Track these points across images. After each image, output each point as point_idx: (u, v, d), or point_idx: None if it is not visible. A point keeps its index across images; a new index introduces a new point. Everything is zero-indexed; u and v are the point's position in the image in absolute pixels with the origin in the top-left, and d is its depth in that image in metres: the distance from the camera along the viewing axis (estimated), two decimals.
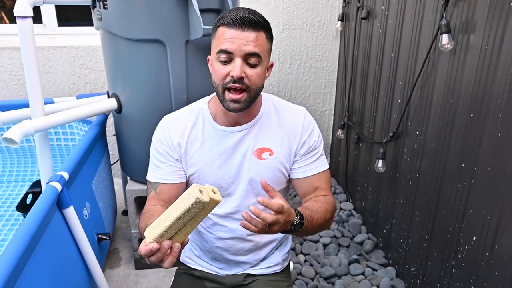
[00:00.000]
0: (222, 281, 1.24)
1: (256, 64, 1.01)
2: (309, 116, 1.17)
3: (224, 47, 0.98)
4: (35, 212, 1.11)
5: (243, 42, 0.98)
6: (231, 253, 1.20)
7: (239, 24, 0.98)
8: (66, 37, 2.49)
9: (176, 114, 1.17)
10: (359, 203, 2.30)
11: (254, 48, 0.98)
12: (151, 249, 0.79)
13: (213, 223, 1.18)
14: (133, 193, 1.80)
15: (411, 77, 1.68)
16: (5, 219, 1.96)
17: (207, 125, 1.13)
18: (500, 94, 1.22)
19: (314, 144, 1.15)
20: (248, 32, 0.98)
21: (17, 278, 0.94)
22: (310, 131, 1.14)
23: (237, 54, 0.98)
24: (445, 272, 1.54)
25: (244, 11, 1.00)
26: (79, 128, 2.28)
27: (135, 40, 1.54)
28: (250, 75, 1.00)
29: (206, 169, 1.12)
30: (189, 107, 1.18)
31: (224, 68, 1.00)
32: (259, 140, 1.12)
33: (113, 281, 1.86)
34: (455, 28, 1.40)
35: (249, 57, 0.99)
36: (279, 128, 1.13)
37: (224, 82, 1.01)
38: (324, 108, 2.72)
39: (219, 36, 1.01)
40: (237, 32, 0.98)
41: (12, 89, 2.43)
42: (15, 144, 1.34)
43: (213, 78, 1.05)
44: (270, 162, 1.12)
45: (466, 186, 1.40)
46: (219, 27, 1.01)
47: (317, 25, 2.52)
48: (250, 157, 1.11)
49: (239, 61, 0.98)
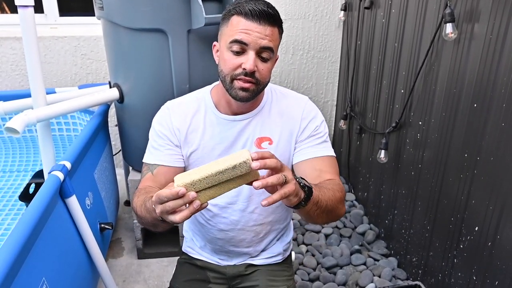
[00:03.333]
0: (224, 271, 1.24)
1: (268, 59, 0.99)
2: (310, 104, 1.15)
3: (239, 37, 0.96)
4: (38, 201, 1.12)
5: (259, 35, 0.96)
6: (232, 244, 1.21)
7: (257, 17, 0.95)
8: (68, 27, 2.48)
9: (179, 100, 1.16)
10: (361, 194, 2.30)
11: (269, 42, 0.97)
12: (177, 193, 0.74)
13: (214, 215, 1.17)
14: (136, 183, 1.80)
15: (414, 67, 1.67)
16: (8, 209, 1.98)
17: (209, 113, 1.11)
18: (504, 83, 1.21)
19: (316, 129, 1.11)
20: (265, 26, 0.96)
21: (19, 267, 0.94)
22: (312, 117, 1.12)
23: (251, 46, 0.96)
24: (447, 262, 1.54)
25: (262, 4, 0.97)
26: (81, 119, 2.29)
27: (136, 30, 1.53)
28: (261, 69, 0.99)
29: (206, 157, 1.11)
30: (192, 94, 1.17)
31: (236, 59, 0.98)
32: (260, 130, 1.11)
33: (116, 270, 1.87)
34: (459, 17, 1.39)
35: (263, 51, 0.97)
36: (280, 117, 1.12)
37: (235, 73, 0.99)
38: (327, 99, 2.71)
39: (234, 25, 0.97)
40: (254, 25, 0.95)
41: (14, 79, 2.43)
42: (17, 134, 1.34)
43: (221, 66, 1.02)
44: (270, 151, 1.10)
45: (468, 176, 1.40)
46: (234, 15, 0.98)
47: (319, 15, 2.49)
48: (250, 146, 1.10)
49: (253, 54, 0.96)
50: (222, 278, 1.25)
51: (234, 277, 1.24)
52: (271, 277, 1.21)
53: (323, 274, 1.80)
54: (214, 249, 1.25)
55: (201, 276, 1.25)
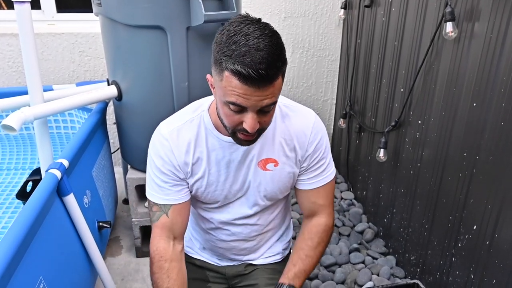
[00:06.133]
0: (223, 271, 1.24)
1: (271, 109, 0.90)
2: (317, 125, 1.06)
3: (236, 101, 0.84)
4: (35, 199, 1.11)
5: (259, 98, 0.84)
6: (233, 252, 1.20)
7: (256, 82, 0.81)
8: (65, 24, 2.46)
9: (176, 126, 1.03)
10: (360, 193, 2.30)
11: (271, 100, 0.86)
12: None
13: (215, 227, 1.16)
14: (134, 181, 1.79)
15: (414, 66, 1.66)
16: (5, 207, 1.96)
17: (210, 136, 1.03)
18: (504, 83, 1.21)
19: (320, 154, 1.07)
20: (265, 88, 0.83)
21: (16, 266, 0.93)
22: (318, 141, 1.06)
23: (251, 108, 0.86)
24: (445, 260, 1.54)
25: (261, 58, 0.80)
26: (79, 116, 2.27)
27: (135, 26, 1.52)
28: (264, 121, 0.91)
29: (212, 183, 1.06)
30: (188, 114, 1.05)
31: (235, 116, 0.89)
32: (264, 151, 1.04)
33: (114, 269, 1.87)
34: (460, 16, 1.38)
35: (265, 107, 0.88)
36: (285, 137, 1.05)
37: (236, 128, 0.92)
38: (326, 98, 2.71)
39: (227, 82, 0.83)
40: (251, 90, 0.82)
41: (11, 76, 2.41)
42: (14, 131, 1.33)
43: (220, 114, 0.94)
44: (275, 173, 1.06)
45: (467, 175, 1.39)
46: (226, 70, 0.83)
47: (319, 13, 2.49)
48: (255, 168, 1.05)
49: (253, 115, 0.87)
50: (222, 277, 1.24)
51: (234, 276, 1.24)
52: (271, 275, 1.21)
53: (321, 273, 1.80)
54: (214, 254, 1.24)
55: (200, 275, 1.24)
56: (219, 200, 1.10)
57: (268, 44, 0.81)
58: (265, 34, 0.82)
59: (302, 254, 1.10)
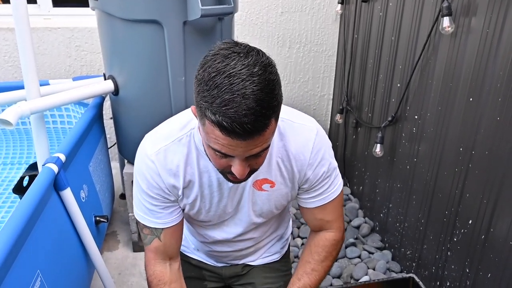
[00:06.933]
0: (220, 272, 1.22)
1: (263, 153, 0.81)
2: (319, 141, 0.96)
3: (221, 150, 0.75)
4: (31, 194, 1.11)
5: (247, 148, 0.74)
6: (230, 259, 1.20)
7: (241, 136, 0.71)
8: (62, 18, 2.44)
9: (163, 146, 0.92)
10: (356, 188, 2.30)
11: (261, 147, 0.76)
12: None
13: (211, 242, 1.13)
14: (131, 176, 1.79)
15: (411, 61, 1.67)
16: (1, 202, 1.96)
17: (201, 157, 0.93)
18: (500, 78, 1.21)
19: (322, 176, 0.98)
20: (253, 139, 0.72)
21: (13, 260, 0.93)
22: (319, 160, 0.97)
23: (239, 157, 0.77)
24: (441, 255, 1.56)
25: (245, 114, 0.68)
26: (75, 111, 2.27)
27: (131, 21, 1.51)
28: (255, 163, 0.82)
29: (205, 205, 1.01)
30: (176, 132, 0.93)
31: (221, 159, 0.80)
32: (260, 171, 0.94)
33: (111, 263, 1.87)
34: (457, 10, 1.38)
35: (255, 154, 0.78)
36: (282, 158, 0.96)
37: (224, 170, 0.84)
38: (323, 93, 2.71)
39: (210, 130, 0.73)
40: (237, 142, 0.72)
41: (7, 71, 2.40)
42: (10, 126, 1.32)
43: (206, 153, 0.87)
44: (271, 193, 1.00)
45: (463, 170, 1.40)
46: (206, 118, 0.72)
47: (316, 8, 2.48)
48: (250, 188, 0.98)
49: (242, 162, 0.78)
50: (218, 277, 1.24)
51: (231, 277, 1.23)
52: (268, 274, 1.20)
53: None
54: (209, 256, 1.23)
55: (196, 274, 1.23)
56: (212, 220, 1.05)
57: (257, 88, 0.68)
58: (253, 74, 0.69)
59: (308, 268, 1.06)
